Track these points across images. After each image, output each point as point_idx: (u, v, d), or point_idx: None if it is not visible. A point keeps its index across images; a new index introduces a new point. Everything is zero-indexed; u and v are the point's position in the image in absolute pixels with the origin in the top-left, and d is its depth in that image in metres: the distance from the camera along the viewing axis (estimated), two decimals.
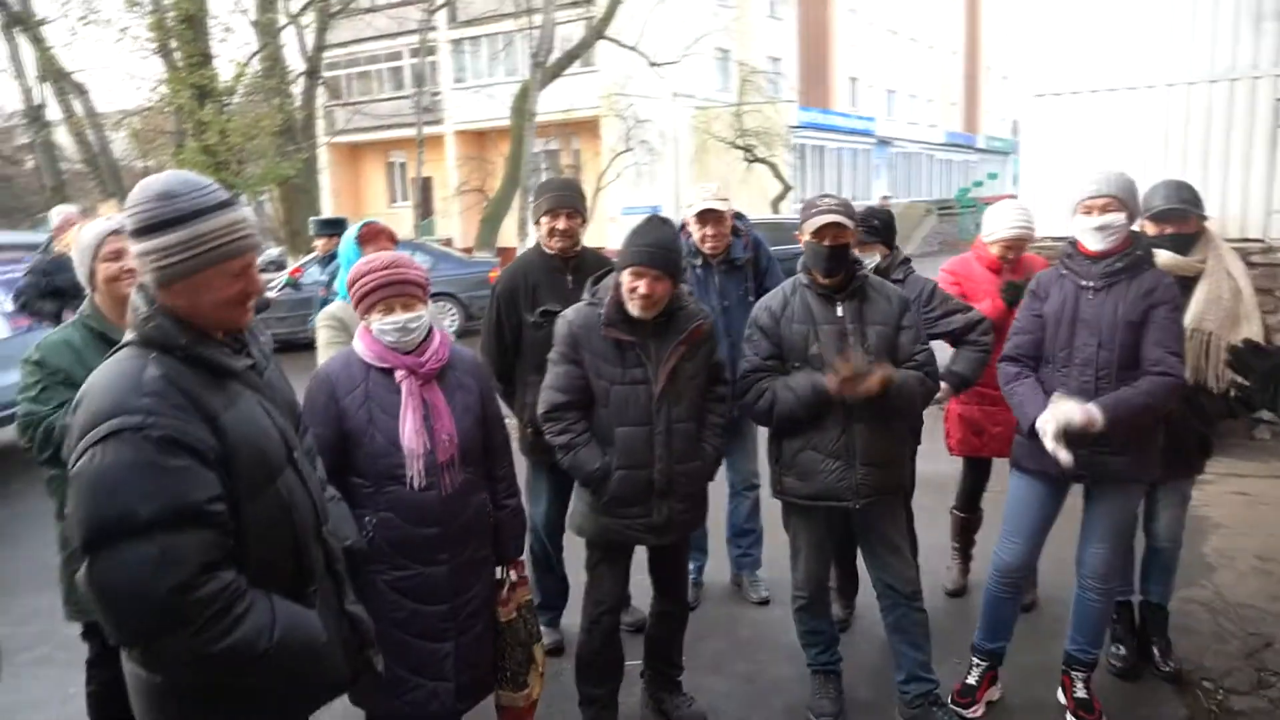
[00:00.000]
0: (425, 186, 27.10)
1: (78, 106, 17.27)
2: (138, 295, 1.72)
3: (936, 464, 4.36)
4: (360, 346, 2.55)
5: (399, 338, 2.49)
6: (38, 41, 16.20)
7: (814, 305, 3.01)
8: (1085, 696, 3.20)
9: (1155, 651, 3.52)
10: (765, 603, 4.21)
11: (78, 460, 1.58)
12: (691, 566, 4.19)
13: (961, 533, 4.31)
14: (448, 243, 22.53)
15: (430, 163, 26.92)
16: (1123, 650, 3.55)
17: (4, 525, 5.56)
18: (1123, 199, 2.93)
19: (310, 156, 18.56)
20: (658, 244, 2.83)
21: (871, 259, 3.51)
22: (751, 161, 26.28)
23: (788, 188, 26.61)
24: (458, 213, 27.14)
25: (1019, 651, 3.49)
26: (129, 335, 1.73)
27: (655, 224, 2.92)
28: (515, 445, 3.13)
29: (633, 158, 24.62)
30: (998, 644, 3.32)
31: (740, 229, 4.02)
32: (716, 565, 4.46)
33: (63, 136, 19.74)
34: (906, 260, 3.68)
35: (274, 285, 10.61)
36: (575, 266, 3.62)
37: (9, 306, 7.06)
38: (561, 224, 3.57)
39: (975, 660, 3.34)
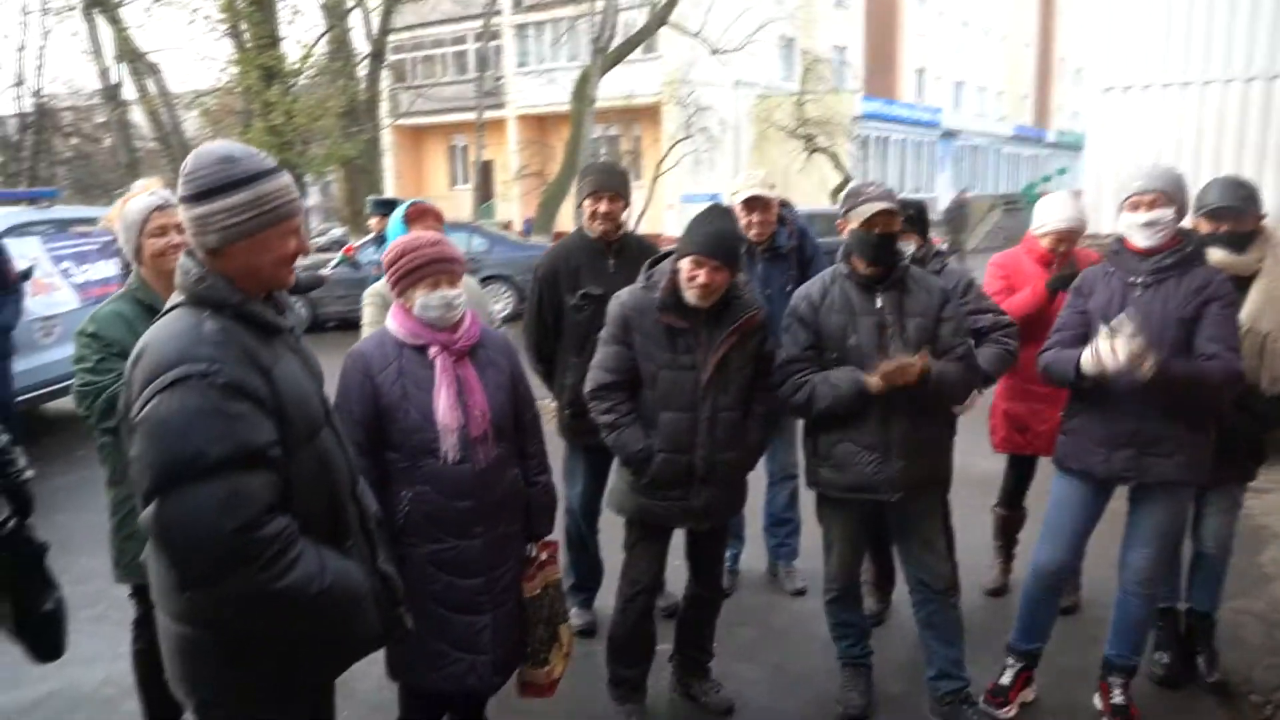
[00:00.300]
0: (485, 170, 27.34)
1: (151, 86, 17.77)
2: (187, 259, 1.80)
3: (981, 461, 4.30)
4: (393, 324, 2.58)
5: (443, 313, 2.52)
6: (115, 22, 16.69)
7: (853, 296, 2.98)
8: (1123, 703, 3.13)
9: (1200, 661, 3.42)
10: (801, 593, 4.19)
11: (143, 408, 1.65)
12: (727, 554, 4.18)
13: (1003, 531, 4.24)
14: (508, 226, 22.72)
15: (491, 146, 27.12)
16: (1166, 658, 3.46)
17: (69, 489, 5.79)
18: (1170, 194, 2.85)
19: (373, 138, 18.85)
20: (720, 234, 2.83)
21: (906, 248, 3.45)
22: (812, 151, 26.00)
23: (848, 178, 26.28)
24: (517, 196, 27.33)
25: (1058, 653, 3.43)
26: (178, 297, 1.80)
27: (718, 214, 2.91)
28: (552, 427, 3.15)
29: (692, 145, 24.49)
30: (1033, 645, 3.26)
31: (785, 217, 3.99)
32: (754, 554, 4.45)
33: (138, 116, 20.37)
34: (940, 252, 3.61)
35: (329, 265, 10.81)
36: (618, 250, 3.63)
37: (79, 278, 7.35)
38: (604, 207, 3.57)
39: (1010, 660, 3.29)
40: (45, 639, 2.69)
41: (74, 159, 25.89)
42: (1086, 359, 2.78)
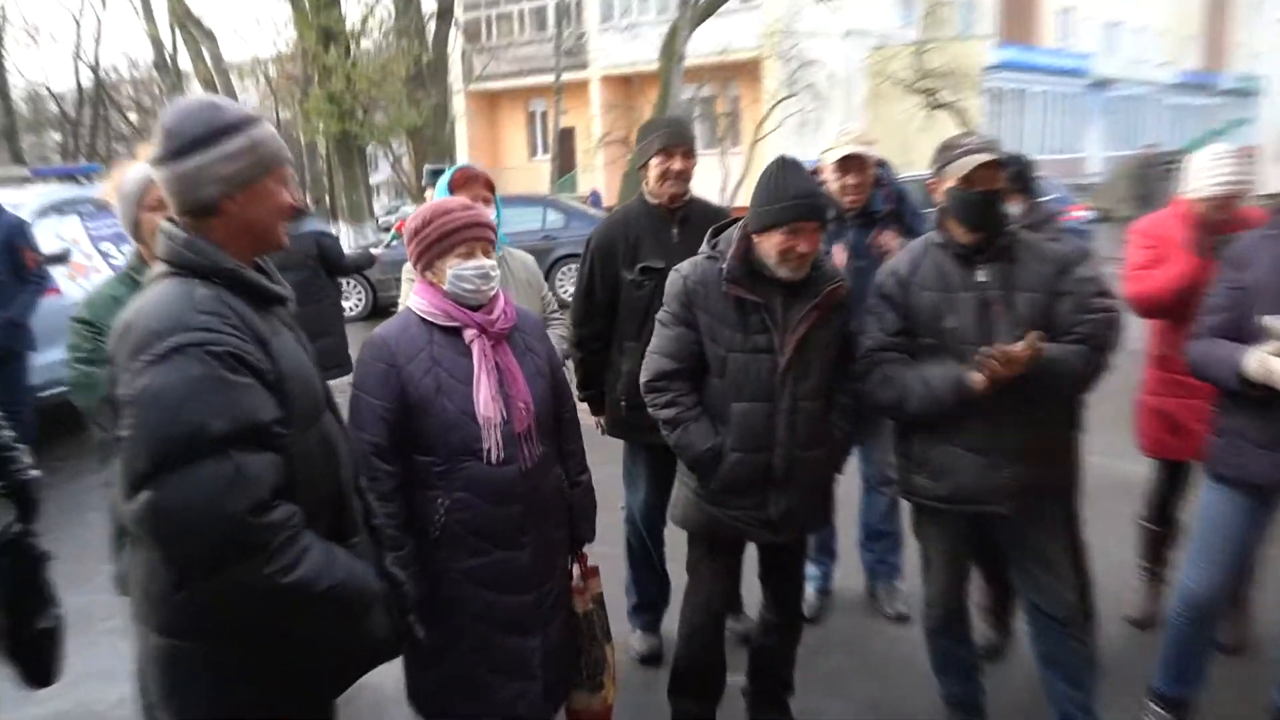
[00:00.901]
0: (565, 138, 27.46)
1: (206, 54, 18.41)
2: (170, 225, 1.80)
3: (1128, 463, 4.05)
4: (421, 304, 2.51)
5: (479, 285, 2.46)
6: None
7: (949, 269, 2.80)
8: None
9: None
10: (904, 618, 4.02)
11: (134, 382, 1.64)
12: (818, 572, 4.13)
13: (1151, 548, 3.97)
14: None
15: (573, 111, 27.27)
16: None
17: (96, 491, 5.98)
18: None
19: (441, 105, 19.09)
20: (810, 193, 2.72)
21: (1011, 210, 3.22)
22: (935, 108, 25.34)
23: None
24: (601, 166, 27.41)
25: (1216, 701, 3.19)
26: (161, 268, 1.80)
27: (794, 169, 2.77)
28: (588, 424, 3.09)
29: (797, 104, 24.16)
30: (1182, 690, 3.03)
31: (882, 178, 3.83)
32: (848, 572, 4.31)
33: (195, 87, 21.17)
34: (1052, 216, 3.39)
35: (380, 243, 10.97)
36: (683, 218, 3.53)
37: (120, 260, 7.61)
38: (677, 164, 3.47)
39: (1153, 707, 3.08)
40: (37, 661, 2.72)
41: (133, 134, 27.11)
42: (1254, 366, 2.55)
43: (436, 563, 2.46)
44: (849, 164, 3.71)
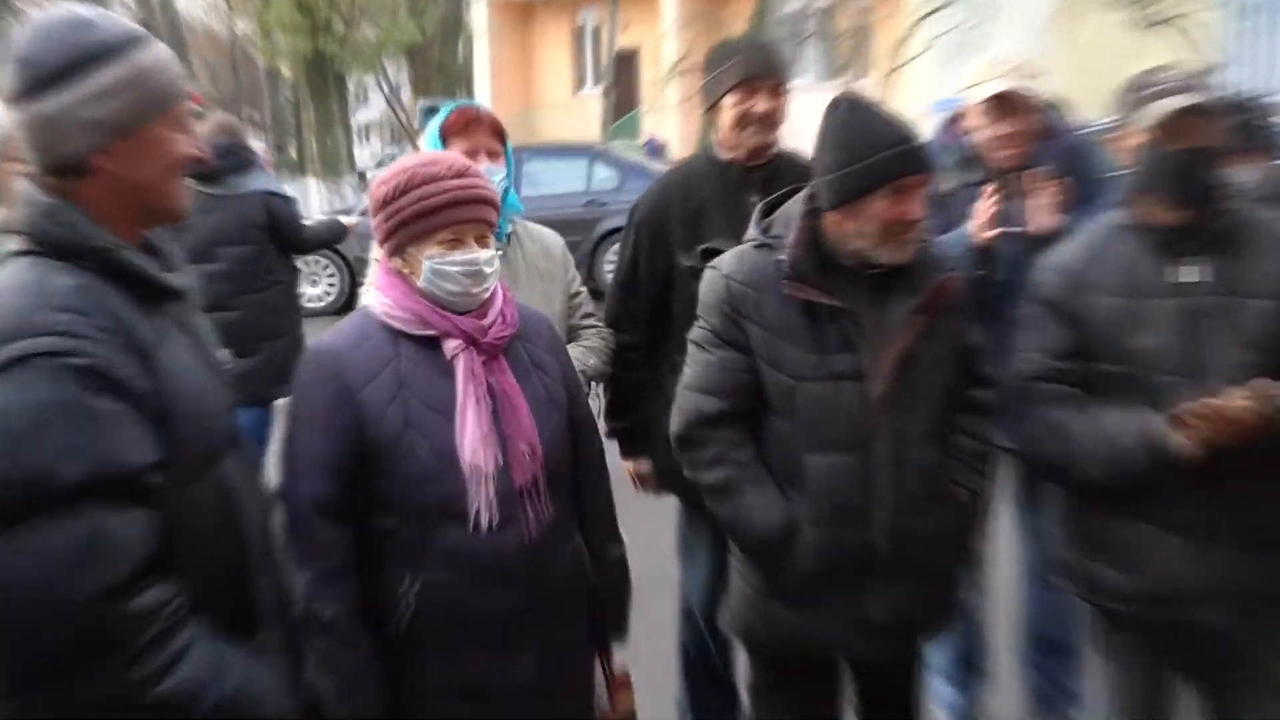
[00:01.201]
0: (625, 64, 27.65)
1: None
2: (30, 186, 1.83)
3: None
4: (385, 302, 2.52)
5: (467, 286, 2.46)
6: None
7: (1141, 264, 2.76)
8: None
9: None
10: None
11: None
12: (959, 699, 4.12)
13: None
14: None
15: (636, 27, 27.46)
16: None
17: None
18: None
19: (451, 15, 19.40)
20: (906, 136, 2.72)
21: (1238, 178, 3.15)
22: (1150, 25, 25.15)
23: (1209, 68, 25.24)
24: (675, 103, 27.54)
25: None
26: (14, 243, 1.85)
27: (868, 110, 2.78)
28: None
29: (951, 18, 24.08)
30: None
31: (1052, 127, 3.79)
32: (1004, 699, 4.27)
33: None
34: None
35: (359, 207, 11.13)
36: (765, 180, 3.52)
37: None
38: (761, 105, 3.52)
39: None
40: None
41: None
42: None
43: (400, 671, 2.46)
44: (1004, 105, 3.66)
